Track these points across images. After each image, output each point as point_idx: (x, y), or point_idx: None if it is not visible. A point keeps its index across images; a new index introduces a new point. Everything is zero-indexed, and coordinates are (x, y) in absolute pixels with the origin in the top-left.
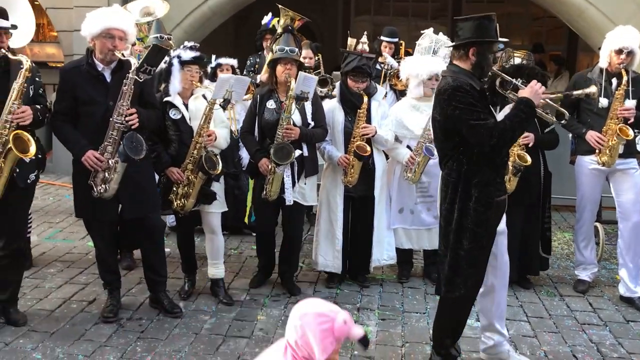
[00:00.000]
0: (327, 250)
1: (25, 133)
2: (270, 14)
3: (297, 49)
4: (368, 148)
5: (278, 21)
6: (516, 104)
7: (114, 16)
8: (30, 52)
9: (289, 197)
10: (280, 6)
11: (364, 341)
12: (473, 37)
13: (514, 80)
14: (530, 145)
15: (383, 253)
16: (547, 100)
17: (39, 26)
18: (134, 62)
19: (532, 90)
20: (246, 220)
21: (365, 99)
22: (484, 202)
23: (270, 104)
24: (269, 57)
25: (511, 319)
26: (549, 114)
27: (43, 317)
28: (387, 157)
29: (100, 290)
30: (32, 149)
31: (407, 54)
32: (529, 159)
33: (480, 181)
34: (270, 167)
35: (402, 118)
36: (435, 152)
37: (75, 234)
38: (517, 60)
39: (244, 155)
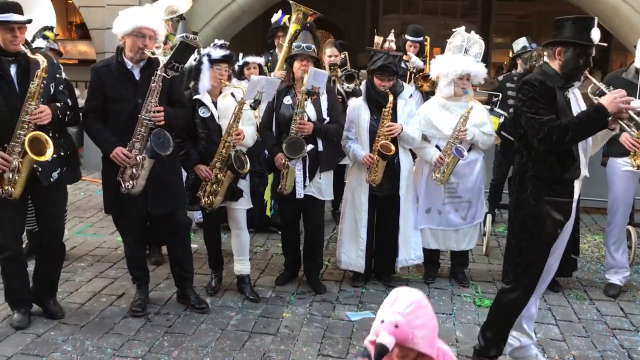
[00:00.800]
0: (350, 249)
1: (44, 134)
2: (280, 12)
3: (313, 46)
4: (392, 147)
5: (289, 18)
6: (589, 107)
7: (145, 15)
8: (63, 50)
9: (299, 191)
10: (291, 2)
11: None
12: (560, 37)
13: (600, 85)
14: None
15: (410, 253)
16: (631, 113)
17: (71, 24)
18: (162, 60)
19: (610, 98)
20: (268, 212)
21: (391, 97)
22: (536, 196)
23: (287, 100)
24: (281, 54)
25: (539, 322)
26: (631, 127)
27: (73, 310)
28: (414, 156)
29: (129, 284)
30: (49, 151)
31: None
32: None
33: (534, 175)
34: (284, 161)
35: (431, 117)
36: (465, 153)
37: (105, 228)
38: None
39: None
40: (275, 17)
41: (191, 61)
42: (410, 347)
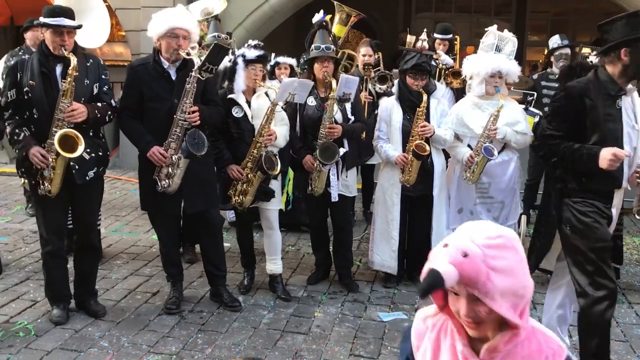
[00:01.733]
0: (383, 250)
1: (75, 132)
2: (322, 12)
3: (332, 46)
4: (427, 147)
5: (331, 18)
6: (589, 149)
7: (178, 16)
8: (100, 52)
9: (334, 194)
10: (335, 2)
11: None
12: (624, 37)
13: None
14: None
15: None
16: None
17: None
18: (197, 61)
19: (607, 155)
20: (282, 207)
21: (425, 97)
22: (558, 197)
23: (311, 101)
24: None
25: (576, 325)
26: None
27: (109, 307)
28: (447, 155)
29: (164, 282)
30: (80, 147)
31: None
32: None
33: (559, 176)
34: (315, 164)
35: (463, 116)
36: (495, 153)
37: (141, 227)
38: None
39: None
40: (317, 17)
41: (226, 62)
42: (479, 298)
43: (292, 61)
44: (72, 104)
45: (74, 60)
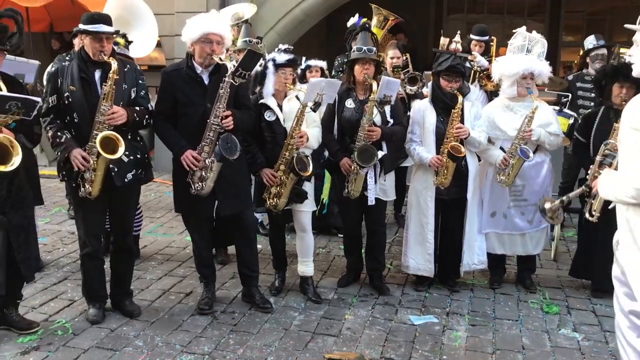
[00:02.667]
0: (418, 254)
1: (115, 134)
2: (357, 15)
3: (374, 48)
4: (463, 149)
5: (366, 21)
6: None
7: (212, 22)
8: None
9: (371, 198)
10: (373, 5)
11: None
12: None
13: None
14: None
15: (473, 257)
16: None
17: None
18: (230, 66)
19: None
20: (316, 213)
21: (460, 98)
22: None
23: (349, 103)
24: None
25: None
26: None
27: (144, 307)
28: (479, 158)
29: (197, 283)
30: (120, 149)
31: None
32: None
33: None
34: (353, 167)
35: (495, 118)
36: (531, 154)
37: (174, 228)
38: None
39: (327, 154)
40: (352, 21)
41: (257, 66)
42: None
43: (323, 64)
44: (113, 107)
45: (114, 64)
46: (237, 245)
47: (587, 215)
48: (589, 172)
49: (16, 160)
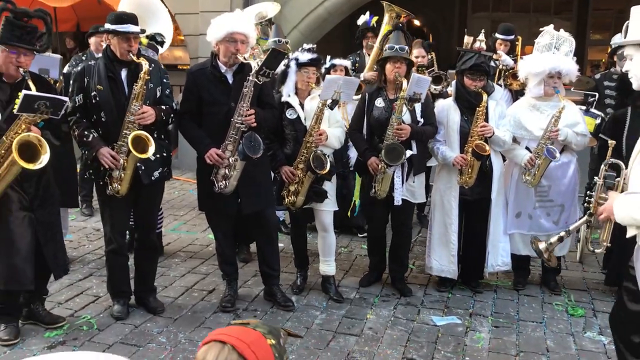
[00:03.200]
0: (442, 255)
1: (145, 133)
2: (368, 13)
3: (407, 47)
4: (487, 147)
5: (378, 19)
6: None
7: (236, 21)
8: (159, 55)
9: (398, 198)
10: (384, 2)
11: None
12: None
13: None
14: None
15: (497, 259)
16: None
17: None
18: (254, 65)
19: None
20: (348, 214)
21: (485, 96)
22: None
23: (379, 102)
24: (371, 55)
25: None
26: None
27: (167, 304)
28: (504, 158)
29: (219, 281)
30: (151, 149)
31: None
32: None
33: None
34: (380, 166)
35: (521, 118)
36: (557, 154)
37: (198, 226)
38: None
39: (352, 155)
40: (363, 19)
41: (281, 66)
42: None
43: (347, 63)
44: (143, 106)
45: (145, 65)
46: (259, 243)
47: (589, 247)
48: (587, 198)
49: (44, 159)
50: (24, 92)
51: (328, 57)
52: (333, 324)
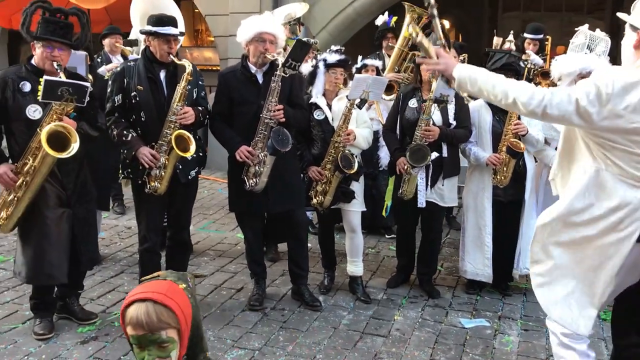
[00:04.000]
0: (476, 258)
1: (187, 133)
2: (386, 13)
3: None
4: (522, 145)
5: (397, 20)
6: None
7: (265, 22)
8: (190, 56)
9: (422, 200)
10: (406, 3)
11: None
12: None
13: None
14: None
15: (527, 262)
16: None
17: (198, 32)
18: (280, 60)
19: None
20: (383, 213)
21: None
22: None
23: (412, 103)
24: (391, 58)
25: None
26: None
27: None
28: (536, 160)
29: (248, 279)
30: (192, 147)
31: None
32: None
33: None
34: (406, 167)
35: None
36: None
37: (227, 225)
38: None
39: (382, 155)
40: (382, 19)
41: (309, 67)
42: None
43: (379, 63)
44: (184, 107)
45: (189, 67)
46: (288, 243)
47: None
48: None
49: (74, 147)
50: (45, 77)
51: (360, 57)
52: (360, 325)
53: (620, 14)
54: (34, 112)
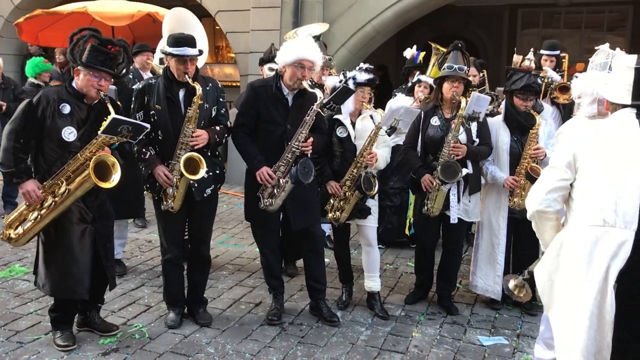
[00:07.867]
0: (487, 274)
1: (198, 155)
2: (414, 47)
3: (465, 67)
4: (541, 170)
5: (425, 56)
6: None
7: (308, 48)
8: (211, 72)
9: (454, 215)
10: (433, 45)
11: None
12: None
13: None
14: None
15: None
16: None
17: (219, 48)
18: (320, 96)
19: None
20: (407, 232)
21: (539, 119)
22: None
23: (435, 121)
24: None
25: None
26: None
27: (215, 315)
28: None
29: (266, 294)
30: (202, 171)
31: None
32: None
33: None
34: (434, 184)
35: None
36: None
37: (245, 239)
38: None
39: None
40: (410, 52)
41: (335, 82)
42: None
43: (431, 81)
44: (196, 130)
45: (199, 90)
46: (306, 257)
47: None
48: None
49: (115, 178)
50: (113, 115)
51: (417, 73)
52: (378, 341)
53: None
54: (69, 134)
